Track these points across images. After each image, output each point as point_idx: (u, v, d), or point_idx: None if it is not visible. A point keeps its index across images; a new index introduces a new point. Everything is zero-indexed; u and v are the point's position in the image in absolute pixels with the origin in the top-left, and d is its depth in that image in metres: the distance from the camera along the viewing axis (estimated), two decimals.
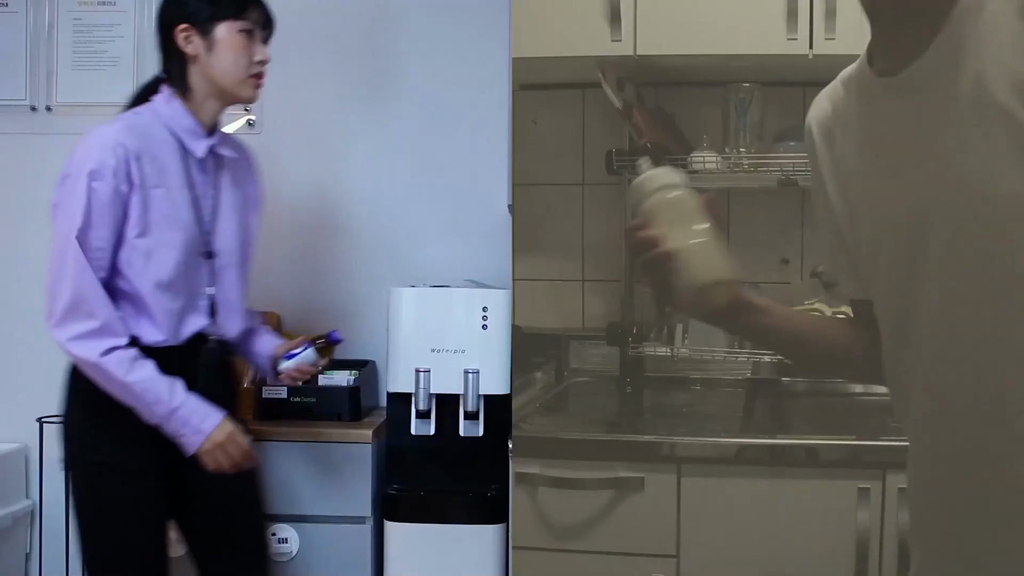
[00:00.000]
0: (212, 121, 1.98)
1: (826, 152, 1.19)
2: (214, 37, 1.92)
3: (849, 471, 1.99)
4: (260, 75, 1.97)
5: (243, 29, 1.93)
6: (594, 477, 2.05)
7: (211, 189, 1.98)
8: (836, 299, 2.30)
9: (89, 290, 1.83)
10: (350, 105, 2.78)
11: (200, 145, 1.95)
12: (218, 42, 1.93)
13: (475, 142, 2.75)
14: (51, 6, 2.79)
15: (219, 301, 1.97)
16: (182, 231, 1.92)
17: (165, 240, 1.90)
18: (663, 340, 2.35)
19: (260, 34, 1.97)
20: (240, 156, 2.07)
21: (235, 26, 1.92)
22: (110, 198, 1.85)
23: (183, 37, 1.92)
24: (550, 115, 2.42)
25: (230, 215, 2.00)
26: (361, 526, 2.34)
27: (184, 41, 1.93)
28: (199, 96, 1.96)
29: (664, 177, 1.14)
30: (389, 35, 2.78)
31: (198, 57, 1.93)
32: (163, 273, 1.90)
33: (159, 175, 1.90)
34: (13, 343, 2.83)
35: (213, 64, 1.93)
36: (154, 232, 1.89)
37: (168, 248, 1.91)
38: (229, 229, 2.00)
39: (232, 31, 1.92)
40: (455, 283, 2.49)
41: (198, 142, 1.94)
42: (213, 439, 1.87)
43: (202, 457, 1.88)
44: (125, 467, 1.92)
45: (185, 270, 1.92)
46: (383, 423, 2.43)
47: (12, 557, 2.72)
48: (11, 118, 2.81)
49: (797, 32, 2.11)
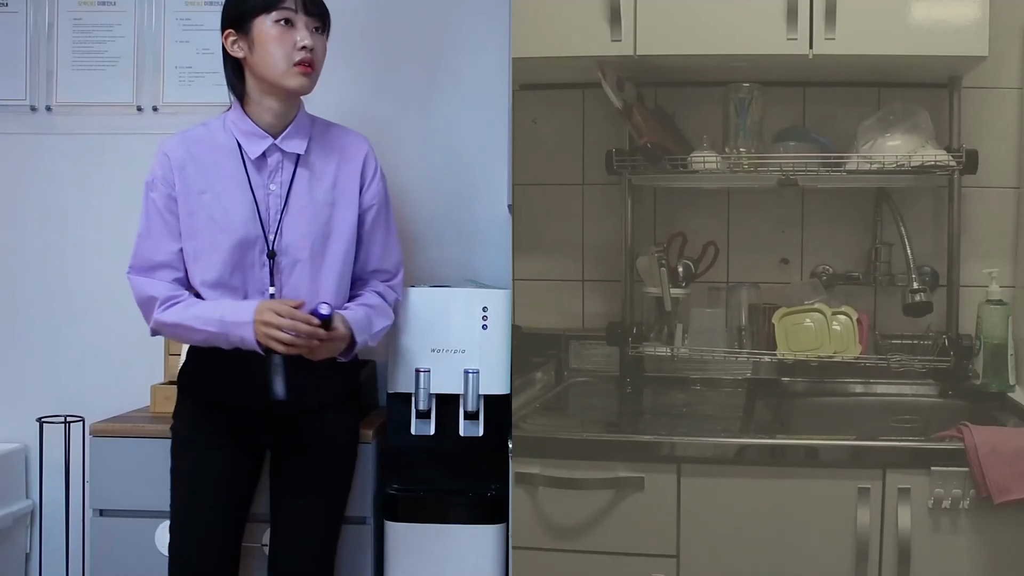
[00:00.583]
0: (276, 120, 2.02)
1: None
2: (253, 35, 1.97)
3: (849, 471, 1.99)
4: (305, 62, 1.97)
5: (279, 19, 1.95)
6: (594, 477, 2.05)
7: (277, 187, 2.01)
8: (836, 299, 2.30)
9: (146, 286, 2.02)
10: (349, 106, 2.78)
11: (256, 147, 2.01)
12: (256, 38, 1.97)
13: (475, 142, 2.75)
14: (51, 6, 2.79)
15: (285, 297, 2.01)
16: (230, 233, 1.98)
17: (210, 243, 1.99)
18: (663, 340, 2.35)
19: (303, 20, 1.97)
20: (332, 149, 2.07)
21: (269, 18, 1.95)
22: (165, 204, 2.01)
23: (230, 42, 2.00)
24: (550, 115, 2.41)
25: (302, 212, 2.02)
26: (361, 526, 2.34)
27: (231, 46, 2.00)
28: (255, 97, 2.02)
29: None
30: (388, 35, 2.78)
31: (246, 58, 2.00)
32: (208, 274, 2.00)
33: (207, 180, 2.00)
34: (13, 343, 2.83)
35: (257, 62, 1.98)
36: (199, 236, 2.00)
37: (213, 251, 1.99)
38: (300, 226, 2.02)
39: (268, 23, 1.96)
40: (455, 283, 2.49)
41: (254, 144, 2.00)
42: (256, 324, 1.94)
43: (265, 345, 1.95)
44: (194, 442, 2.07)
45: (236, 270, 1.99)
46: (383, 423, 2.43)
47: (12, 557, 2.73)
48: (11, 118, 2.81)
49: (797, 32, 2.11)
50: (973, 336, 2.27)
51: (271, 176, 2.03)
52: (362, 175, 2.12)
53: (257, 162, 2.02)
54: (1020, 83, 2.34)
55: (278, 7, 1.95)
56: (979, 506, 1.96)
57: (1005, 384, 2.24)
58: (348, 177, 2.10)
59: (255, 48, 1.98)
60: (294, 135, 2.04)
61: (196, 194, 2.01)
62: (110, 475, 2.34)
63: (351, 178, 2.10)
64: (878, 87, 2.34)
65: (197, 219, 2.01)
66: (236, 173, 2.01)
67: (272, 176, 2.03)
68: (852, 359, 2.22)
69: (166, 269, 2.03)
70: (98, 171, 2.80)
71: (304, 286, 2.03)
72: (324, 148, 2.08)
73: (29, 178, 2.82)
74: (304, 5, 1.98)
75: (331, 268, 2.06)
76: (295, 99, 2.06)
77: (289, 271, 2.03)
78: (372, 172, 2.14)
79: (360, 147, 2.14)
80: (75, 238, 2.81)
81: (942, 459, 1.97)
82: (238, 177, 2.01)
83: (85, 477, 2.50)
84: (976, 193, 2.32)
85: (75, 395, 2.73)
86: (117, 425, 2.39)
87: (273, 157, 2.03)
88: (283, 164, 2.04)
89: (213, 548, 2.09)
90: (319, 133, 2.09)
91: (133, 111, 2.79)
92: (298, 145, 2.04)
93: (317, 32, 2.01)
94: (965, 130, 2.26)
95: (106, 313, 2.78)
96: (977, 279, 2.30)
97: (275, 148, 2.03)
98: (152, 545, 2.33)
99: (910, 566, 1.97)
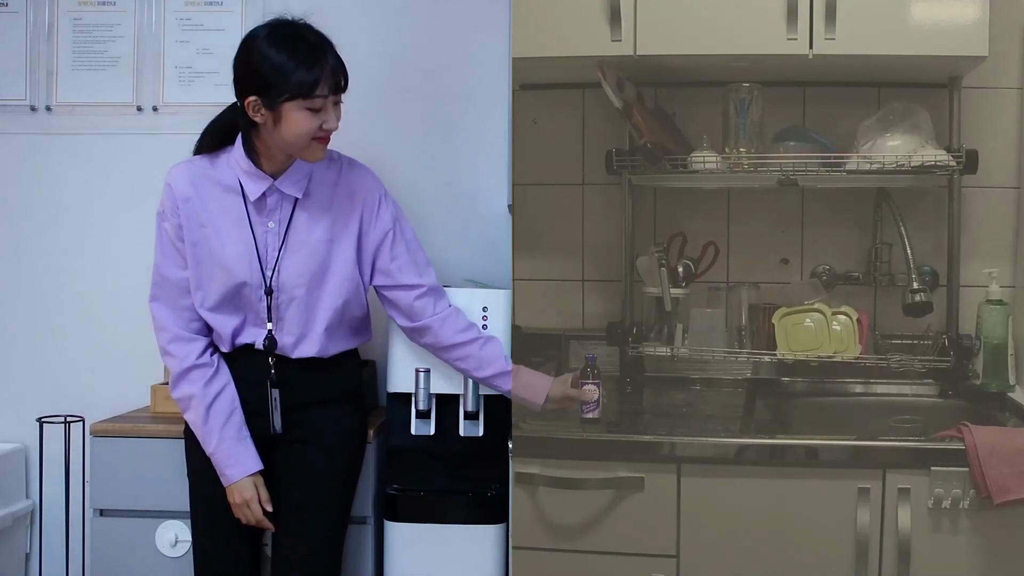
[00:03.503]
0: (279, 167, 2.05)
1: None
2: (280, 112, 1.95)
3: (849, 471, 1.99)
4: (325, 138, 2.00)
5: (311, 108, 1.94)
6: (594, 477, 2.05)
7: (276, 226, 2.06)
8: (836, 299, 2.30)
9: (167, 322, 2.09)
10: (348, 106, 2.77)
11: (256, 187, 2.04)
12: (284, 117, 1.95)
13: (475, 142, 2.75)
14: (51, 6, 2.79)
15: (282, 332, 2.09)
16: (225, 269, 2.05)
17: (208, 275, 2.06)
18: (663, 340, 2.35)
19: (331, 100, 1.97)
20: (324, 185, 2.07)
21: (304, 103, 1.93)
22: (175, 233, 2.06)
23: (252, 108, 1.96)
24: (550, 115, 2.42)
25: (300, 250, 2.06)
26: (361, 526, 2.34)
27: (253, 112, 1.96)
28: (262, 149, 2.04)
29: None
30: (388, 35, 2.77)
31: (266, 124, 1.98)
32: (208, 301, 2.06)
33: (209, 214, 2.05)
34: (13, 343, 2.83)
35: (277, 134, 1.98)
36: (201, 266, 2.07)
37: (212, 282, 2.06)
38: (298, 264, 2.06)
39: (299, 108, 1.93)
40: (455, 283, 2.49)
41: (254, 184, 2.04)
42: (230, 490, 2.07)
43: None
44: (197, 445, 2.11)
45: (235, 300, 2.06)
46: (383, 423, 2.43)
47: (12, 557, 2.73)
48: (11, 118, 2.81)
49: (797, 32, 2.11)
50: (973, 336, 2.27)
51: (270, 215, 2.07)
52: (363, 212, 2.12)
53: (257, 202, 2.06)
54: (1020, 83, 2.34)
55: (312, 96, 1.93)
56: (979, 506, 1.95)
57: (1005, 384, 2.24)
58: (348, 214, 2.11)
59: (279, 124, 1.96)
60: (293, 176, 2.06)
61: (198, 227, 2.06)
62: (110, 475, 2.35)
63: (352, 215, 2.11)
64: (878, 87, 2.34)
65: (199, 250, 2.06)
66: (236, 210, 2.05)
67: (271, 215, 2.07)
68: (852, 359, 2.22)
69: (185, 297, 2.09)
70: (98, 171, 2.80)
71: (299, 321, 2.09)
72: (325, 185, 2.10)
73: (29, 178, 2.82)
74: (333, 86, 1.96)
75: (326, 304, 2.10)
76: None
77: (286, 306, 2.08)
78: (377, 205, 2.13)
79: (362, 182, 2.13)
80: (75, 238, 2.81)
81: (942, 459, 1.96)
82: (238, 215, 2.05)
83: (85, 477, 2.50)
84: (976, 193, 2.33)
85: (75, 395, 2.73)
86: (117, 425, 2.39)
87: (272, 197, 2.06)
88: (282, 204, 2.07)
89: (235, 545, 2.13)
90: (320, 169, 2.10)
91: (133, 111, 2.79)
92: (297, 188, 2.06)
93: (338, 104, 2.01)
94: (965, 130, 2.26)
95: (106, 313, 2.78)
96: (977, 279, 2.31)
97: (275, 189, 2.06)
98: (152, 545, 2.33)
99: (910, 566, 1.97)
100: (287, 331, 2.10)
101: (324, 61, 1.95)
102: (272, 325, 2.08)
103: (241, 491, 2.06)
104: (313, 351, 2.11)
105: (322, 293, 2.10)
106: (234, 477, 2.06)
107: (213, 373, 2.08)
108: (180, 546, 2.29)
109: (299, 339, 2.10)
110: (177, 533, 2.31)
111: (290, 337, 2.10)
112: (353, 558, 2.32)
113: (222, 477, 2.07)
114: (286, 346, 2.10)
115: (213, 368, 2.09)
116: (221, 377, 2.09)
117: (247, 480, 2.06)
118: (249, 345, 2.11)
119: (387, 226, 2.14)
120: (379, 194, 2.15)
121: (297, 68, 1.92)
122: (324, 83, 1.94)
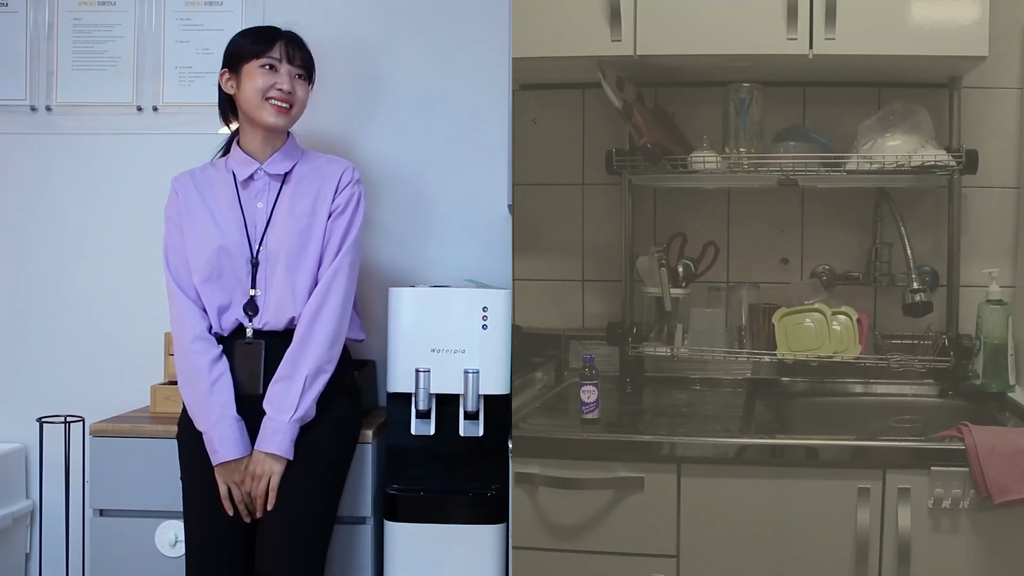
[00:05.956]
0: (264, 148, 2.26)
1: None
2: (242, 75, 2.24)
3: (849, 471, 1.99)
4: (278, 100, 2.22)
5: (264, 64, 2.22)
6: (594, 477, 2.05)
7: (264, 205, 2.24)
8: (836, 299, 2.30)
9: (178, 312, 2.21)
10: (349, 106, 2.78)
11: (244, 169, 2.25)
12: (243, 77, 2.23)
13: (475, 142, 2.75)
14: (51, 6, 2.79)
15: (267, 298, 2.20)
16: (214, 240, 2.20)
17: (198, 246, 2.21)
18: (663, 340, 2.35)
19: (286, 68, 2.24)
20: (310, 171, 2.27)
21: (257, 63, 2.22)
22: (178, 227, 2.24)
23: (224, 80, 2.27)
24: (550, 115, 2.42)
25: (284, 224, 2.21)
26: (361, 526, 2.34)
27: (225, 83, 2.27)
28: (244, 127, 2.28)
29: None
30: (389, 35, 2.77)
31: (235, 95, 2.26)
32: (198, 274, 2.19)
33: (204, 200, 2.24)
34: (14, 343, 2.83)
35: (240, 97, 2.24)
36: (193, 240, 2.22)
37: (202, 249, 2.20)
38: (281, 234, 2.21)
39: (255, 67, 2.22)
40: (455, 283, 2.49)
41: (243, 167, 2.26)
42: (219, 469, 2.13)
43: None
44: (189, 447, 2.19)
45: (223, 270, 2.19)
46: (383, 423, 2.43)
47: (12, 557, 2.73)
48: (11, 118, 2.81)
49: (797, 32, 2.11)
50: (973, 336, 2.27)
51: (259, 195, 2.25)
52: (336, 191, 2.26)
53: (246, 183, 2.25)
54: (1020, 83, 2.34)
55: (265, 55, 2.22)
56: (979, 506, 1.96)
57: (1005, 384, 2.24)
58: (326, 193, 2.25)
59: (241, 85, 2.23)
60: (279, 159, 2.27)
61: (196, 209, 2.23)
62: (110, 475, 2.35)
63: (327, 193, 2.25)
64: (878, 87, 2.34)
65: (194, 227, 2.23)
66: (229, 195, 2.25)
67: (259, 195, 2.25)
68: (852, 359, 2.22)
69: (189, 276, 2.22)
70: (98, 171, 2.80)
71: (284, 284, 2.19)
72: (310, 172, 2.28)
73: (29, 178, 2.82)
74: (288, 55, 2.24)
75: (307, 270, 2.21)
76: (278, 132, 2.26)
77: (271, 274, 2.20)
78: (346, 182, 2.27)
79: (340, 168, 2.29)
80: (75, 238, 2.81)
81: (942, 459, 1.97)
82: (230, 198, 2.24)
83: (85, 477, 2.50)
84: (976, 193, 2.33)
85: (75, 395, 2.73)
86: (117, 425, 2.39)
87: (261, 180, 2.25)
88: (270, 185, 2.25)
89: (226, 542, 2.14)
90: (307, 160, 2.30)
91: (133, 111, 2.79)
92: (282, 167, 2.26)
93: (300, 79, 2.27)
94: (965, 130, 2.26)
95: (106, 313, 2.78)
96: (977, 279, 2.31)
97: (262, 171, 2.25)
98: (152, 545, 2.33)
99: (910, 566, 1.97)
100: (270, 296, 2.19)
101: (279, 35, 2.25)
102: (255, 291, 2.20)
103: (222, 470, 2.12)
104: (296, 311, 2.18)
105: (303, 261, 2.20)
106: (226, 456, 2.11)
107: (219, 354, 2.18)
108: (180, 546, 2.29)
109: (280, 301, 2.18)
110: (177, 533, 2.31)
111: (272, 302, 2.18)
112: (353, 558, 2.32)
113: (213, 454, 2.12)
114: (267, 311, 2.18)
115: (219, 349, 2.18)
116: (225, 361, 2.18)
117: (227, 464, 2.12)
118: (238, 332, 2.20)
119: (339, 204, 2.25)
120: (351, 180, 2.28)
121: (257, 39, 2.25)
122: (277, 48, 2.23)
